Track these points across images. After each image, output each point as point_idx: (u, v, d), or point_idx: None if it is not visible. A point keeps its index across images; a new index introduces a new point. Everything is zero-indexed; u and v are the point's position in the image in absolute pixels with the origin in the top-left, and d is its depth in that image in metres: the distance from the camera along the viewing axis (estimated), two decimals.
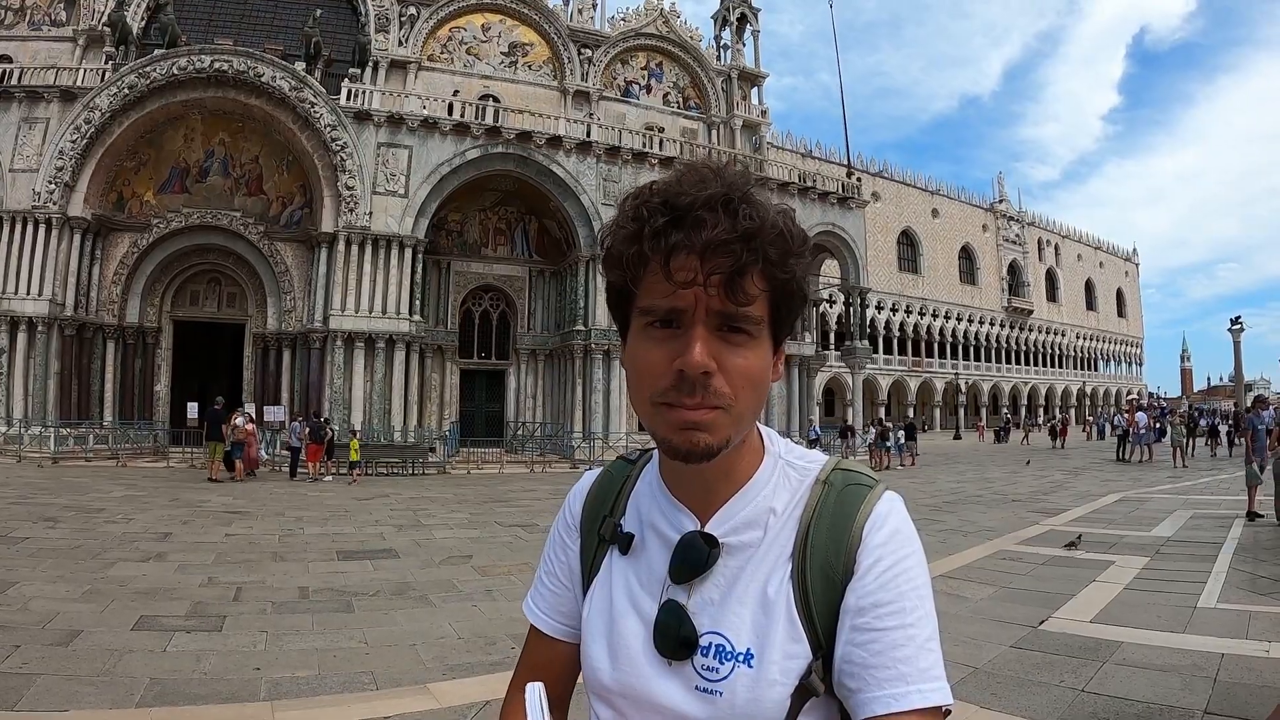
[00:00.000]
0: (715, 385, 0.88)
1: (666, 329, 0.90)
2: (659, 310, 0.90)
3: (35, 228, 25.03)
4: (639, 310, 0.92)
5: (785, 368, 24.13)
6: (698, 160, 0.96)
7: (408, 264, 28.13)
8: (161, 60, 26.28)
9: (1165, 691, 4.77)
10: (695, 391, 0.87)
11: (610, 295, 0.98)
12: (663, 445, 0.94)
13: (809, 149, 56.53)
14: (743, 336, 0.89)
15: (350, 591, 7.73)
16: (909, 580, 0.90)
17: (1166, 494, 16.51)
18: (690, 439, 0.89)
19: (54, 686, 4.79)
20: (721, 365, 0.88)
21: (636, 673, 0.97)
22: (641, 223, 0.89)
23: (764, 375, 0.92)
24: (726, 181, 0.89)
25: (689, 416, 0.89)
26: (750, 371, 0.90)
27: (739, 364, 0.89)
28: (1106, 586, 7.80)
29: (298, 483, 19.79)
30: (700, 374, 0.87)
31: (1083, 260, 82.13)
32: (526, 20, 33.97)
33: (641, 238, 0.88)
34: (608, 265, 0.94)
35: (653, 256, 0.88)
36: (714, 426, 0.89)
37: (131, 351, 27.73)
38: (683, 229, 0.86)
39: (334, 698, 4.86)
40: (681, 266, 0.86)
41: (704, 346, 0.87)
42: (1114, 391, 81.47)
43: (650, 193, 0.91)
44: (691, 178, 0.90)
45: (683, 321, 0.88)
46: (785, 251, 0.88)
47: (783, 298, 0.91)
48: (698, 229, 0.85)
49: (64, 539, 10.11)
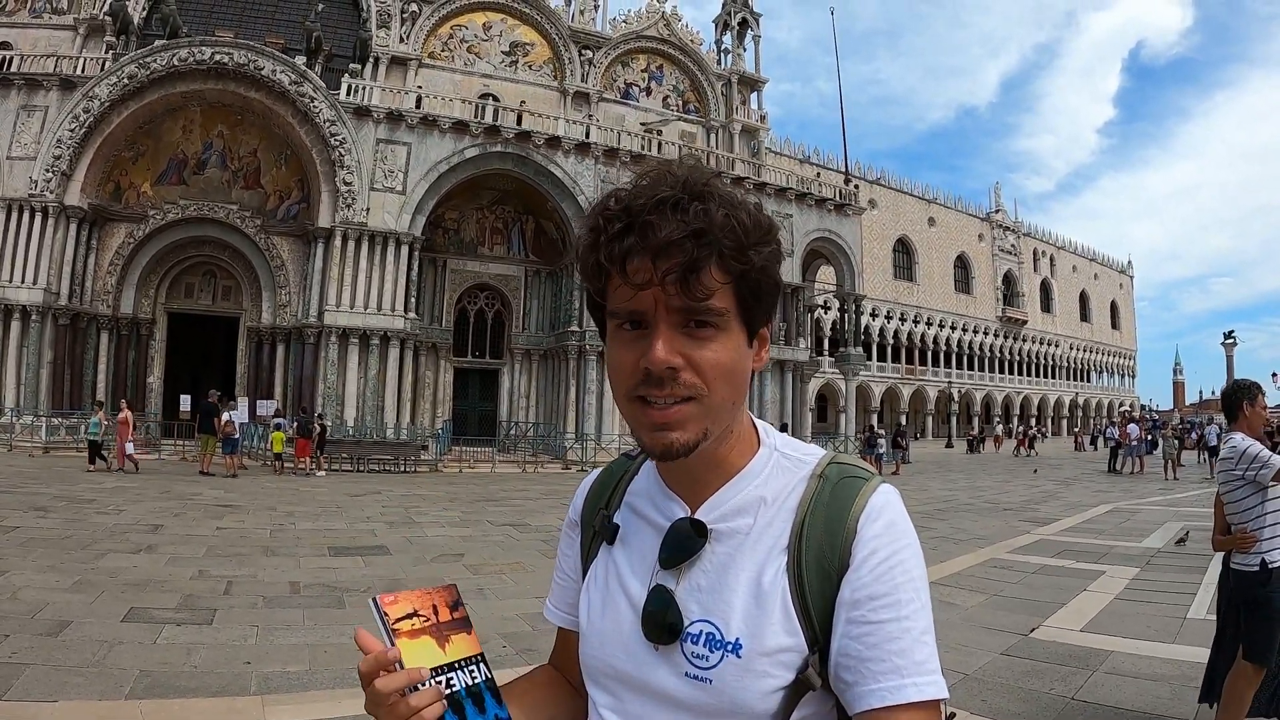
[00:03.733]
0: (684, 379, 0.90)
1: (635, 330, 0.92)
2: (623, 313, 0.92)
3: (32, 216, 24.94)
4: (609, 314, 0.95)
5: (779, 373, 24.20)
6: (656, 165, 0.99)
7: (404, 261, 28.10)
8: (162, 51, 26.22)
9: (1154, 700, 4.79)
10: (664, 385, 0.90)
11: (589, 302, 1.01)
12: (641, 446, 0.97)
13: (806, 155, 56.58)
14: (709, 329, 0.91)
15: (341, 587, 7.72)
16: (904, 573, 0.90)
17: (1157, 505, 16.59)
18: (663, 439, 0.92)
19: (43, 677, 4.77)
20: (691, 360, 0.90)
21: (628, 658, 0.99)
22: (599, 232, 0.92)
23: (737, 364, 0.93)
24: (680, 181, 0.91)
25: (657, 417, 0.91)
26: (720, 363, 0.91)
27: (708, 356, 0.90)
28: (1097, 596, 7.83)
29: (285, 477, 19.73)
30: (665, 370, 0.89)
31: (1078, 272, 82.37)
32: (528, 20, 33.98)
33: (599, 246, 0.92)
34: (581, 274, 0.98)
35: (609, 264, 0.91)
36: (684, 422, 0.91)
37: (125, 342, 27.66)
38: (634, 233, 0.89)
39: (325, 693, 4.85)
40: (637, 269, 0.89)
41: (666, 344, 0.89)
42: (1106, 403, 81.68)
43: (606, 202, 0.94)
44: (647, 182, 0.93)
45: (647, 321, 0.91)
46: (740, 242, 0.90)
47: (747, 286, 0.92)
48: (648, 231, 0.88)
49: (54, 529, 10.07)
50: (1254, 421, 4.25)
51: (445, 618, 0.96)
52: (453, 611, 0.97)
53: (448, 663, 0.92)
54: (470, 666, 0.94)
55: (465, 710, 0.91)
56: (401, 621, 0.91)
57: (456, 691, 0.91)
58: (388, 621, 0.90)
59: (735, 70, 37.93)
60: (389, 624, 0.90)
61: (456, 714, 0.90)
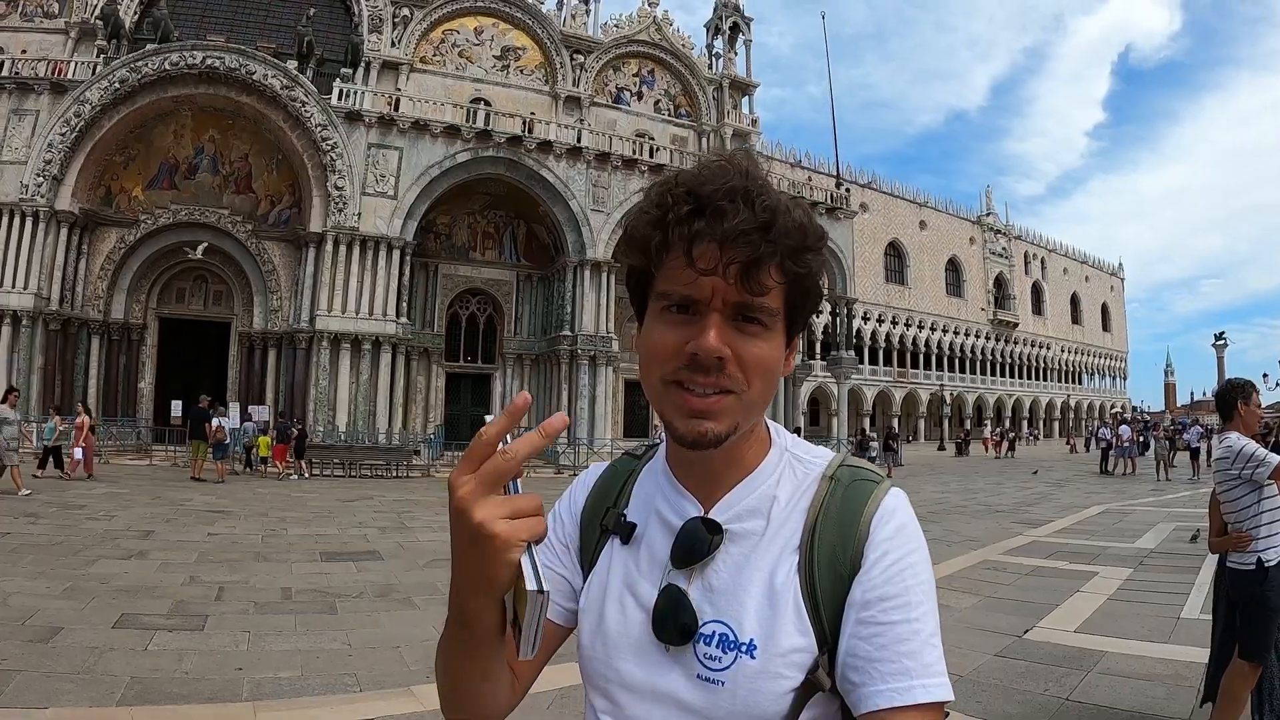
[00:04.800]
0: (730, 370, 0.90)
1: (683, 314, 0.91)
2: (676, 295, 0.91)
3: (22, 220, 24.84)
4: (657, 294, 0.94)
5: None
6: (719, 152, 0.98)
7: (395, 266, 28.07)
8: (153, 55, 26.16)
9: (1149, 700, 4.80)
10: (710, 373, 0.89)
11: (630, 278, 1.00)
12: (671, 431, 0.95)
13: (798, 159, 56.61)
14: (757, 327, 0.91)
15: (334, 593, 7.68)
16: (915, 575, 0.90)
17: (1150, 506, 16.64)
18: (698, 427, 0.91)
19: (33, 683, 4.73)
20: (736, 353, 0.89)
21: (636, 660, 0.97)
22: (665, 209, 0.91)
23: (776, 366, 0.93)
24: (743, 172, 0.91)
25: (697, 404, 0.90)
26: (764, 361, 0.91)
27: (754, 353, 0.90)
28: (1090, 597, 7.85)
29: (267, 481, 19.66)
30: (714, 359, 0.88)
31: (1069, 274, 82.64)
32: (519, 24, 34.01)
33: (666, 224, 0.90)
34: (630, 249, 0.96)
35: (677, 243, 0.90)
36: (722, 414, 0.91)
37: (116, 348, 27.54)
38: (705, 217, 0.88)
39: (317, 699, 4.82)
40: (703, 254, 0.88)
41: (719, 333, 0.89)
42: (1098, 405, 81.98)
43: (675, 182, 0.93)
44: (712, 169, 0.92)
45: (699, 309, 0.90)
46: (802, 245, 0.90)
47: (798, 291, 0.92)
48: (719, 218, 0.87)
49: (45, 535, 10.01)
50: (1249, 420, 4.26)
51: None
52: None
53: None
54: None
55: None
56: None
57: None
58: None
59: (727, 74, 38.01)
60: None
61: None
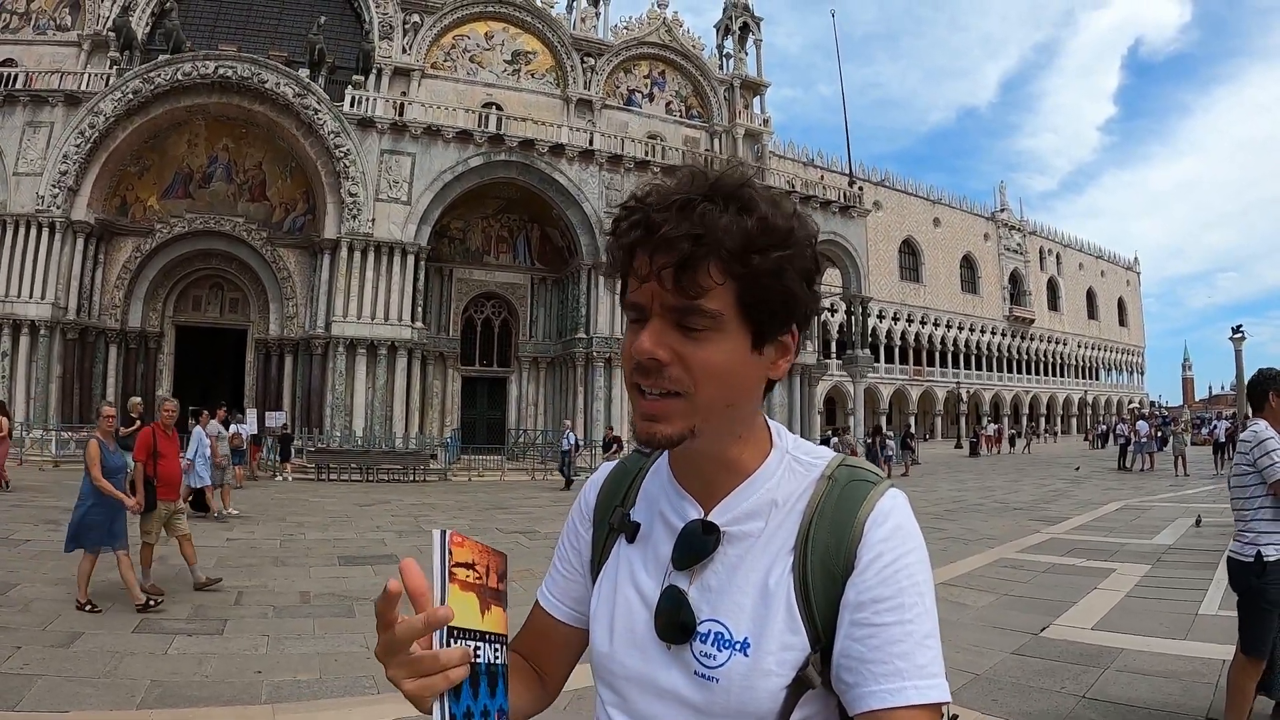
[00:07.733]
0: (671, 373, 0.90)
1: (637, 322, 0.94)
2: (629, 303, 0.95)
3: (39, 231, 25.16)
4: (625, 304, 0.98)
5: (787, 377, 24.57)
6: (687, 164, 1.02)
7: (410, 271, 28.21)
8: (166, 65, 26.43)
9: (1166, 697, 4.77)
10: (650, 375, 0.91)
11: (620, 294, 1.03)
12: (634, 432, 0.99)
13: (810, 158, 56.47)
14: (703, 330, 0.90)
15: (352, 596, 7.73)
16: (909, 576, 0.90)
17: (1168, 502, 16.49)
18: (647, 429, 0.93)
19: (55, 687, 4.79)
20: (681, 357, 0.90)
21: (640, 657, 0.99)
22: (615, 225, 0.95)
23: (731, 368, 0.92)
24: (708, 183, 0.92)
25: (646, 407, 0.93)
26: (710, 364, 0.91)
27: (698, 356, 0.90)
28: (1108, 594, 7.79)
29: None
30: (649, 360, 0.90)
31: (1084, 269, 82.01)
32: (530, 29, 34.09)
33: (615, 241, 0.95)
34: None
35: (618, 255, 0.95)
36: (670, 416, 0.92)
37: (133, 356, 27.79)
38: (640, 228, 0.91)
39: (335, 701, 4.86)
40: (641, 262, 0.91)
41: (652, 335, 0.90)
42: (1115, 400, 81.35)
43: (627, 203, 0.97)
44: (674, 183, 0.95)
45: (646, 315, 0.92)
46: (743, 245, 0.89)
47: (750, 291, 0.90)
48: (650, 228, 0.90)
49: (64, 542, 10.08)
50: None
51: (493, 584, 0.87)
52: (500, 581, 0.89)
53: (480, 631, 0.82)
54: (496, 644, 0.85)
55: (480, 687, 0.81)
56: (459, 568, 0.80)
57: (478, 664, 0.81)
58: (449, 561, 0.79)
59: (737, 75, 37.96)
60: (449, 564, 0.79)
61: (471, 687, 0.80)
